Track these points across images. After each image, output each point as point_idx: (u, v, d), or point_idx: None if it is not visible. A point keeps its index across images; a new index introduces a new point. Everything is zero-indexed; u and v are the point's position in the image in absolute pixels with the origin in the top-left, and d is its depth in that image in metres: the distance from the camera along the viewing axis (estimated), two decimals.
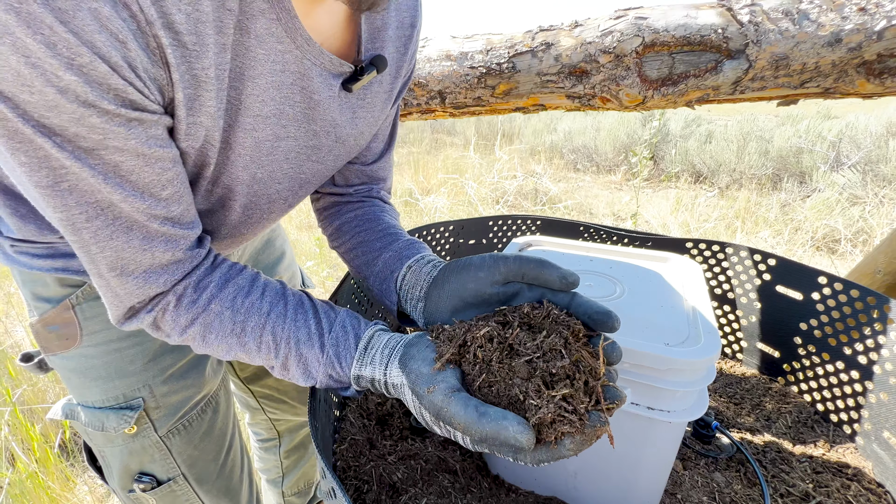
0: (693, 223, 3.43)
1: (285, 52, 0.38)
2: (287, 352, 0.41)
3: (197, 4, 0.31)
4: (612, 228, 0.81)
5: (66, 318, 0.52)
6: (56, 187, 0.32)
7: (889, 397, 0.56)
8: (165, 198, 0.36)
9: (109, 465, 0.59)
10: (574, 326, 0.35)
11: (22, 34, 0.25)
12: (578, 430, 0.30)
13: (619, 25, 0.60)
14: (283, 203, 0.52)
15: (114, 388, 0.55)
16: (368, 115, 0.50)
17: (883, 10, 0.49)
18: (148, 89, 0.31)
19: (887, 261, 0.70)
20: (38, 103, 0.28)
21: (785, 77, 0.56)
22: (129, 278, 0.37)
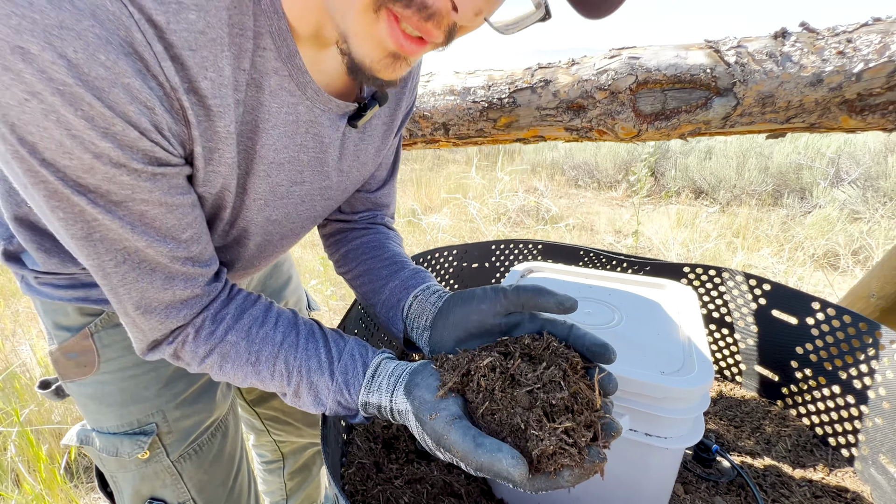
0: (695, 241, 3.44)
1: (297, 103, 0.41)
2: (299, 380, 0.43)
3: (220, 71, 0.34)
4: (611, 253, 0.83)
5: (84, 345, 0.55)
6: (89, 238, 0.35)
7: (884, 422, 0.57)
8: (185, 240, 0.39)
9: (121, 491, 0.61)
10: (572, 359, 0.37)
11: (65, 112, 0.29)
12: (578, 464, 0.31)
13: (613, 64, 0.64)
14: (294, 237, 0.55)
15: (129, 414, 0.57)
16: (370, 147, 0.53)
17: (860, 54, 0.52)
18: (171, 146, 0.35)
19: (880, 285, 0.72)
20: (76, 167, 0.31)
21: (772, 113, 0.59)
22: (151, 315, 0.40)
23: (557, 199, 5.26)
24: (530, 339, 0.39)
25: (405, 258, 0.60)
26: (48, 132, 0.29)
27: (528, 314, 0.43)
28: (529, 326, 0.42)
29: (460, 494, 0.57)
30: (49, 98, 0.28)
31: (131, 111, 0.31)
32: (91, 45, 0.28)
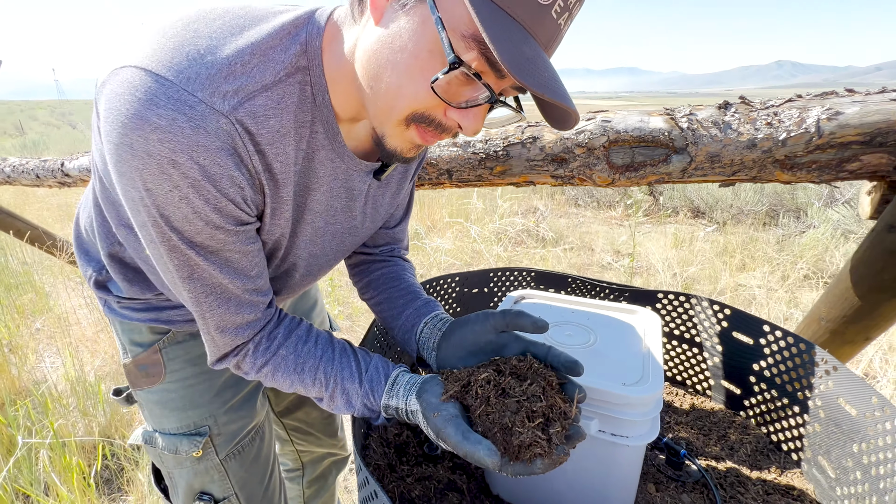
0: (691, 261, 3.54)
1: (336, 168, 0.54)
2: (334, 386, 0.55)
3: (286, 154, 0.47)
4: (594, 281, 0.94)
5: (154, 359, 0.67)
6: (191, 277, 0.47)
7: (821, 428, 0.67)
8: (253, 276, 0.52)
9: (176, 486, 0.72)
10: (549, 378, 0.48)
11: (193, 197, 0.42)
12: (547, 455, 0.43)
13: (589, 126, 0.77)
14: (329, 268, 0.67)
15: (187, 417, 0.69)
16: (388, 193, 0.66)
17: (783, 126, 0.65)
18: (251, 211, 0.48)
19: (827, 309, 0.83)
20: (192, 231, 0.44)
21: (720, 168, 0.71)
22: (226, 333, 0.52)
23: (557, 219, 5.38)
24: (517, 360, 0.51)
25: (418, 289, 0.72)
26: (180, 210, 0.42)
27: (514, 335, 0.54)
28: (515, 347, 0.54)
29: (462, 490, 0.67)
30: (185, 189, 0.41)
31: (232, 192, 0.44)
32: (213, 153, 0.41)
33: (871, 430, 0.58)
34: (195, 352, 0.68)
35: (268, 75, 0.43)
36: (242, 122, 0.42)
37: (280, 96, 0.44)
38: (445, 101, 0.42)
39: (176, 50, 0.40)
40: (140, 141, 0.39)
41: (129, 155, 0.39)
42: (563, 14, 0.38)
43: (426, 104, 0.42)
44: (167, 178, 0.40)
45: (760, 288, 3.04)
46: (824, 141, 0.63)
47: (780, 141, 0.65)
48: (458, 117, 0.43)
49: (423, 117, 0.44)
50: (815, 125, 0.63)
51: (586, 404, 0.55)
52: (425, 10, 0.39)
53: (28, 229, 2.23)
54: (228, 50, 0.41)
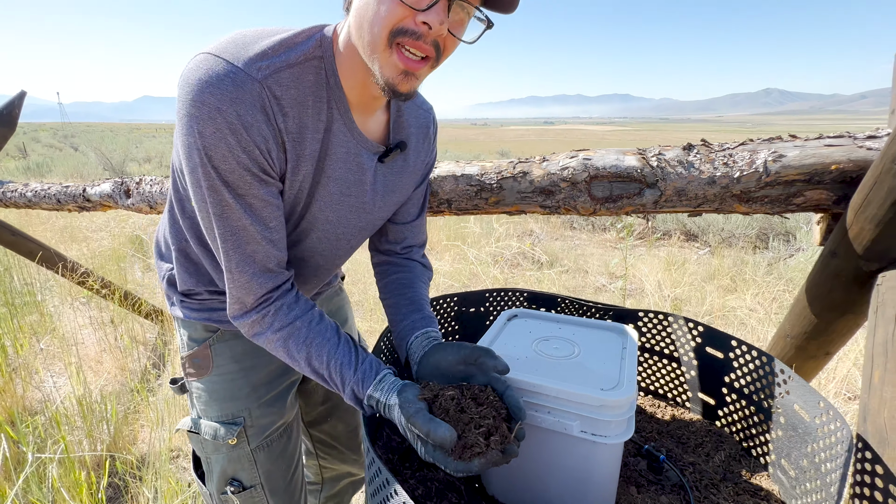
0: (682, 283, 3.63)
1: (348, 141, 0.66)
2: (333, 367, 0.64)
3: (305, 120, 0.60)
4: (581, 300, 1.03)
5: (205, 354, 0.79)
6: (221, 215, 0.59)
7: (783, 434, 0.75)
8: (272, 227, 0.62)
9: (212, 470, 0.82)
10: (500, 409, 0.58)
11: (232, 139, 0.54)
12: (483, 455, 0.53)
13: (572, 163, 0.87)
14: (346, 244, 0.77)
15: (227, 408, 0.79)
16: (398, 182, 0.78)
17: (737, 166, 0.75)
18: (275, 165, 0.60)
19: (791, 326, 0.92)
20: (227, 170, 0.56)
21: (686, 201, 0.81)
22: (245, 271, 0.62)
23: (552, 242, 5.49)
24: (479, 389, 0.60)
25: (423, 301, 0.81)
26: (219, 149, 0.55)
27: (481, 369, 0.63)
28: (481, 379, 0.63)
29: (460, 490, 0.74)
30: (225, 131, 0.54)
31: (259, 141, 0.56)
32: (247, 106, 0.54)
33: (819, 431, 0.66)
34: (238, 350, 0.80)
35: (291, 58, 0.58)
36: (270, 88, 0.56)
37: (299, 73, 0.59)
38: (411, 7, 0.52)
39: (230, 43, 0.56)
40: (199, 94, 0.53)
41: (190, 106, 0.54)
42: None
43: (397, 16, 0.53)
44: (213, 121, 0.53)
45: (749, 310, 3.12)
46: (772, 179, 0.73)
47: (735, 179, 0.75)
48: (424, 18, 0.53)
49: (399, 30, 0.54)
50: (763, 165, 0.73)
51: (569, 407, 0.63)
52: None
53: (39, 250, 2.30)
54: (264, 43, 0.57)
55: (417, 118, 0.78)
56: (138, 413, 2.03)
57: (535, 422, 0.65)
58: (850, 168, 0.69)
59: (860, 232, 0.67)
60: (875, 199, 0.63)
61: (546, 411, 0.65)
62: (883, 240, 0.65)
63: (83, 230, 4.55)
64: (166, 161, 13.09)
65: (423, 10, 0.53)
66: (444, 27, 0.54)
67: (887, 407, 0.60)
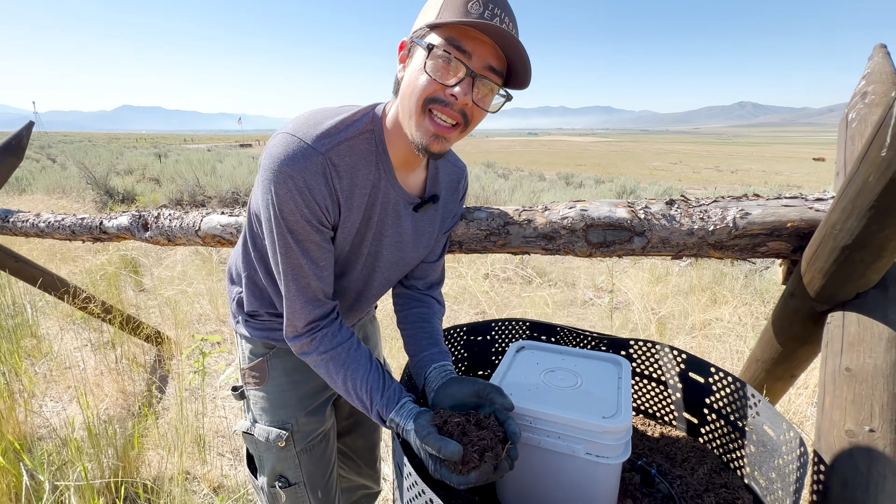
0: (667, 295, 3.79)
1: (390, 195, 0.79)
2: (363, 390, 0.76)
3: (356, 181, 0.73)
4: (578, 330, 1.15)
5: (262, 367, 0.93)
6: (285, 255, 0.72)
7: (755, 449, 0.88)
8: (321, 266, 0.75)
9: (263, 467, 0.95)
10: (498, 433, 0.69)
11: (300, 199, 0.68)
12: (477, 469, 0.64)
13: (570, 213, 0.99)
14: (382, 278, 0.90)
15: (279, 414, 0.93)
16: (428, 229, 0.91)
17: (711, 220, 0.88)
18: (329, 218, 0.73)
19: (761, 352, 1.05)
20: (293, 222, 0.69)
21: (669, 248, 0.94)
22: (300, 301, 0.75)
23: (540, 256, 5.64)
24: (483, 416, 0.72)
25: (439, 336, 0.92)
26: (288, 205, 0.68)
27: (489, 401, 0.74)
28: (488, 409, 0.74)
29: (475, 501, 0.84)
30: (294, 192, 0.67)
31: (320, 200, 0.69)
32: (313, 174, 0.68)
33: (784, 447, 0.78)
34: (290, 365, 0.93)
35: (348, 133, 0.72)
36: (331, 159, 0.70)
37: (354, 144, 0.73)
38: (438, 81, 0.65)
39: (304, 123, 0.71)
40: (278, 165, 0.68)
41: (270, 172, 0.68)
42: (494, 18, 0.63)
43: (431, 89, 0.66)
44: (286, 185, 0.68)
45: (728, 322, 3.30)
46: (740, 232, 0.87)
47: (710, 231, 0.88)
48: (452, 91, 0.65)
49: (431, 99, 0.66)
50: (732, 221, 0.87)
51: (576, 433, 0.74)
52: (418, 48, 0.68)
53: (41, 275, 2.33)
54: (329, 123, 0.71)
55: (450, 174, 0.92)
56: (144, 437, 2.07)
57: (546, 445, 0.76)
58: (802, 226, 0.83)
59: (812, 279, 0.80)
60: (821, 255, 0.77)
61: (556, 436, 0.76)
62: (829, 287, 0.78)
63: (73, 249, 4.51)
64: (149, 173, 12.92)
65: (451, 86, 0.66)
66: (468, 98, 0.66)
67: (836, 427, 0.72)
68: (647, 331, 3.14)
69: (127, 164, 14.60)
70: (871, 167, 0.63)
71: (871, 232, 0.67)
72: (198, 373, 2.00)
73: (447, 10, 0.64)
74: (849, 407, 0.72)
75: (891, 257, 0.70)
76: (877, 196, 0.63)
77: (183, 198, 8.95)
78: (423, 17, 0.68)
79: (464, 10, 0.62)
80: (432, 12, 0.66)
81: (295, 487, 0.95)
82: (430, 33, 0.67)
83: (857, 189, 0.66)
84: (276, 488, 0.95)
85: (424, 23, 0.67)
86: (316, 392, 0.97)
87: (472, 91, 0.66)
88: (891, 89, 0.86)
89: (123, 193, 9.33)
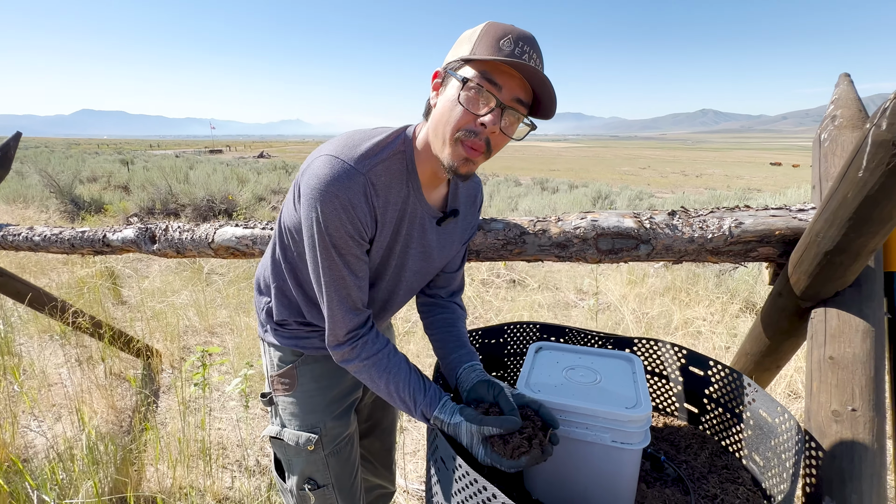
0: (647, 295, 3.97)
1: (417, 210, 0.86)
2: (406, 392, 0.82)
3: (390, 198, 0.80)
4: (586, 330, 1.24)
5: (291, 374, 0.97)
6: (329, 268, 0.77)
7: (752, 433, 0.98)
8: (360, 277, 0.81)
9: (293, 470, 0.99)
10: (537, 422, 0.77)
11: (344, 216, 0.74)
12: (528, 453, 0.71)
13: (582, 223, 1.08)
14: (407, 287, 0.97)
15: (307, 419, 0.97)
16: (448, 240, 0.98)
17: (710, 229, 0.99)
18: (368, 232, 0.79)
19: (750, 345, 1.17)
20: (337, 237, 0.75)
21: (672, 254, 1.04)
22: (341, 307, 0.80)
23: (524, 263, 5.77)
24: (521, 408, 0.79)
25: (465, 338, 1.00)
26: (333, 222, 0.74)
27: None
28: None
29: (513, 495, 0.91)
30: (339, 210, 0.73)
31: (361, 216, 0.76)
32: (355, 193, 0.74)
33: (779, 429, 0.89)
34: (317, 372, 0.97)
35: (384, 155, 0.78)
36: (370, 179, 0.76)
37: (389, 165, 0.79)
38: (471, 112, 0.71)
39: (343, 146, 0.76)
40: (325, 185, 0.73)
41: (317, 192, 0.73)
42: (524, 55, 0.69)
43: (463, 121, 0.72)
44: (332, 203, 0.73)
45: (705, 321, 3.49)
46: (735, 239, 0.98)
47: (709, 239, 0.99)
48: (483, 121, 0.72)
49: (464, 131, 0.73)
50: (728, 230, 0.98)
51: (602, 423, 0.82)
52: (452, 80, 0.74)
53: (29, 291, 2.27)
54: (366, 146, 0.77)
55: (468, 189, 0.99)
56: (143, 452, 2.03)
57: (576, 435, 0.84)
58: (788, 233, 0.94)
59: (798, 280, 0.92)
60: (806, 259, 0.88)
61: (584, 427, 0.84)
62: (813, 286, 0.90)
63: (50, 260, 4.34)
64: (116, 181, 12.42)
65: (482, 115, 0.73)
66: (496, 127, 0.74)
67: (823, 409, 0.83)
68: (635, 331, 3.29)
69: (91, 170, 13.99)
70: (850, 185, 0.74)
71: (849, 239, 0.78)
72: (198, 385, 1.99)
73: (481, 46, 0.71)
74: (833, 391, 0.84)
75: (865, 260, 0.82)
76: (855, 209, 0.75)
77: (155, 206, 8.67)
78: (456, 51, 0.75)
79: (496, 47, 0.70)
80: (466, 47, 0.73)
81: (324, 489, 0.99)
82: (463, 66, 0.73)
83: (838, 203, 0.77)
84: (305, 491, 0.99)
85: (459, 56, 0.73)
86: (342, 396, 1.02)
87: (501, 120, 0.73)
88: (856, 114, 0.99)
89: (90, 202, 8.96)
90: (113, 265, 4.50)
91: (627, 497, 0.86)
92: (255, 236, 1.41)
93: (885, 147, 0.67)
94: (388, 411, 1.27)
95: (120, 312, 3.70)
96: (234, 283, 4.13)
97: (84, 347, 3.06)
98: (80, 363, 2.87)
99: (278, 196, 9.76)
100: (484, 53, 0.70)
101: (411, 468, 2.06)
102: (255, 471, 2.04)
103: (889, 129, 0.66)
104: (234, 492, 1.91)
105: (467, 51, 0.72)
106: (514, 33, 0.70)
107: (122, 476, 1.85)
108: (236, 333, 3.25)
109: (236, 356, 2.91)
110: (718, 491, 0.96)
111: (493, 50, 0.70)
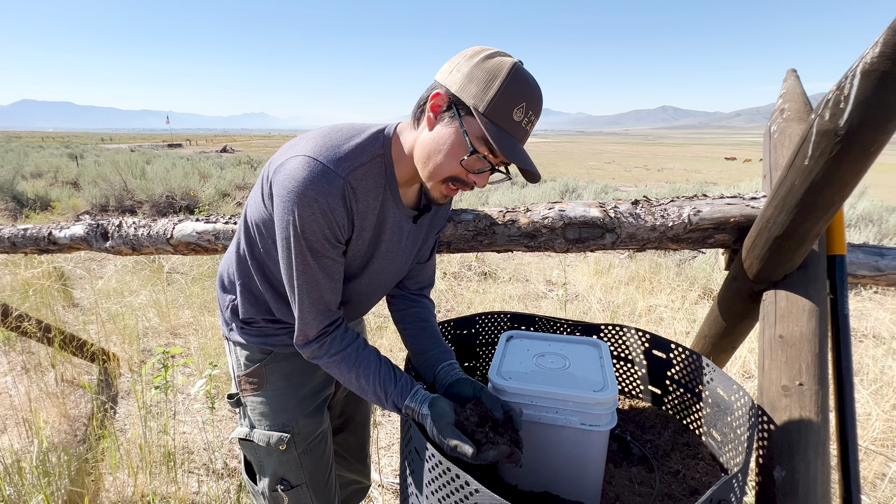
0: (612, 285, 4.10)
1: (395, 213, 0.85)
2: (377, 383, 0.82)
3: (369, 202, 0.79)
4: (555, 318, 1.27)
5: (260, 373, 0.94)
6: (303, 271, 0.76)
7: (710, 411, 1.03)
8: (334, 279, 0.80)
9: (264, 471, 0.96)
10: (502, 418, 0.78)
11: (322, 220, 0.72)
12: (493, 449, 0.72)
13: (550, 213, 1.10)
14: (382, 286, 0.96)
15: (278, 418, 0.94)
16: (420, 235, 0.98)
17: (670, 217, 1.03)
18: (344, 235, 0.77)
19: (708, 328, 1.22)
20: (314, 240, 0.73)
21: (636, 242, 1.08)
22: (313, 309, 0.79)
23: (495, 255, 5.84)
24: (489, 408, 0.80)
25: (439, 334, 0.99)
26: (311, 226, 0.72)
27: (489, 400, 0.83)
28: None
29: (481, 475, 0.92)
30: (317, 213, 0.71)
31: (338, 219, 0.74)
32: (335, 197, 0.72)
33: (735, 405, 0.94)
34: (287, 369, 0.95)
35: (363, 158, 0.77)
36: (350, 182, 0.75)
37: (368, 169, 0.78)
38: (468, 170, 0.74)
39: (323, 147, 0.74)
40: (302, 188, 0.70)
41: (295, 197, 0.71)
42: (529, 124, 0.72)
43: (456, 172, 0.75)
44: (310, 207, 0.71)
45: (667, 308, 3.65)
46: (694, 227, 1.02)
47: (669, 227, 1.03)
48: (474, 178, 0.75)
49: (453, 178, 0.75)
50: (688, 218, 1.02)
51: (571, 406, 0.85)
52: (456, 124, 0.72)
53: None
54: (345, 147, 0.75)
55: None
56: (100, 461, 1.93)
57: (546, 420, 0.86)
58: (742, 220, 0.99)
59: (751, 265, 0.97)
60: (758, 244, 0.93)
61: (554, 411, 0.86)
62: (765, 270, 0.95)
63: None
64: (64, 176, 11.65)
65: (475, 173, 0.75)
66: (485, 184, 0.77)
67: (774, 385, 0.89)
68: (602, 318, 3.39)
69: (35, 165, 13.06)
70: (797, 173, 0.78)
71: (797, 224, 0.83)
72: (160, 388, 1.91)
73: (495, 107, 0.68)
74: (783, 367, 0.89)
75: (811, 244, 0.87)
76: (801, 196, 0.80)
77: (109, 203, 8.19)
78: (469, 87, 0.69)
79: (508, 118, 0.69)
80: (480, 94, 0.68)
81: (297, 489, 0.97)
82: (469, 116, 0.70)
83: (787, 190, 0.82)
84: (278, 492, 0.96)
85: (471, 99, 0.69)
86: (314, 393, 0.99)
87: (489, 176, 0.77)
88: (802, 107, 1.06)
89: (35, 199, 8.37)
90: (62, 265, 4.23)
91: (596, 477, 0.89)
92: (218, 231, 1.36)
93: (828, 136, 0.72)
94: (361, 406, 1.25)
95: (72, 315, 3.48)
96: (197, 282, 3.96)
97: (31, 354, 2.87)
98: (26, 371, 2.69)
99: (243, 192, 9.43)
100: (496, 117, 0.68)
101: (386, 462, 2.05)
102: (224, 473, 1.98)
103: (832, 119, 0.70)
104: (202, 496, 1.85)
105: (482, 100, 0.68)
106: (529, 100, 0.70)
107: (78, 487, 1.75)
108: (201, 333, 3.13)
109: (201, 357, 2.81)
110: (681, 467, 1.00)
111: (505, 119, 0.69)
